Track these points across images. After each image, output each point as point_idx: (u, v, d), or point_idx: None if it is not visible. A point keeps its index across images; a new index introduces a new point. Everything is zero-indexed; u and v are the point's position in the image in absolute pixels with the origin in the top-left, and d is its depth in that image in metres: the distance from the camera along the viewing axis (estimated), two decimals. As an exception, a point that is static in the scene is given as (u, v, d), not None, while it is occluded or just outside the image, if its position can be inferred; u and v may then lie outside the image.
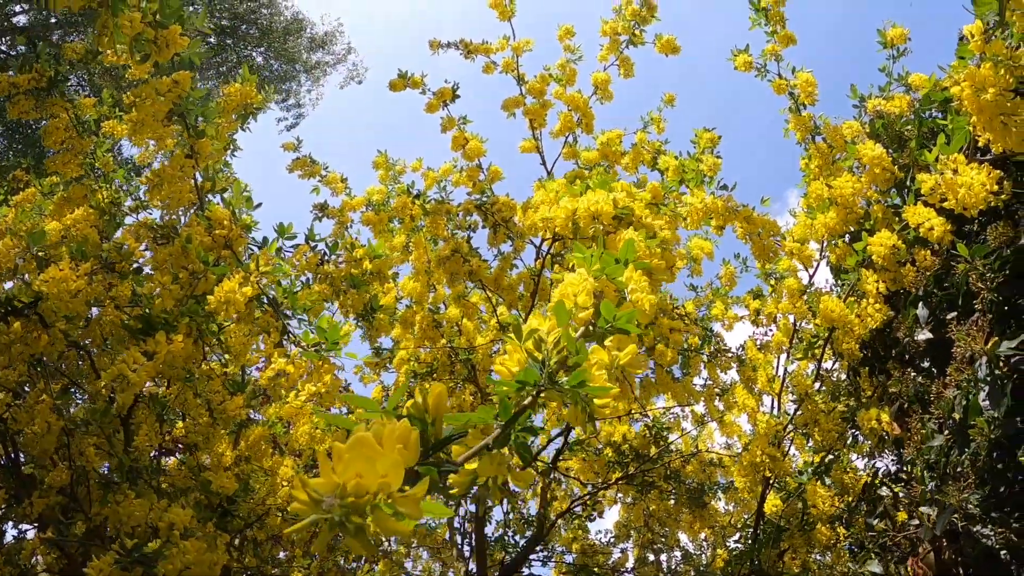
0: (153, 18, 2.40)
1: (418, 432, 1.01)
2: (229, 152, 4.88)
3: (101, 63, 3.60)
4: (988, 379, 2.41)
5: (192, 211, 3.35)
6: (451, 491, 1.30)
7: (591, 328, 1.74)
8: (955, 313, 2.94)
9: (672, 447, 5.73)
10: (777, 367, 5.03)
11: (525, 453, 1.28)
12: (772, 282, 5.09)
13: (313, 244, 3.65)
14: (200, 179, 3.08)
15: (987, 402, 2.41)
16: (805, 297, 4.40)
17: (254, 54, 13.79)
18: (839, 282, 4.35)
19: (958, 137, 2.60)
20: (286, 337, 2.89)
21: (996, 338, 2.48)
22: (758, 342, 5.40)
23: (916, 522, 3.20)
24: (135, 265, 2.81)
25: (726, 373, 5.40)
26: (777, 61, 4.17)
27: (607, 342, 1.68)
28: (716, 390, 5.75)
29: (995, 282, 2.59)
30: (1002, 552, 2.69)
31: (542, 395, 1.24)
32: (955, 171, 2.70)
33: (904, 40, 3.99)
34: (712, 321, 5.46)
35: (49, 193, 4.17)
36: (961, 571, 2.90)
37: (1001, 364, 2.42)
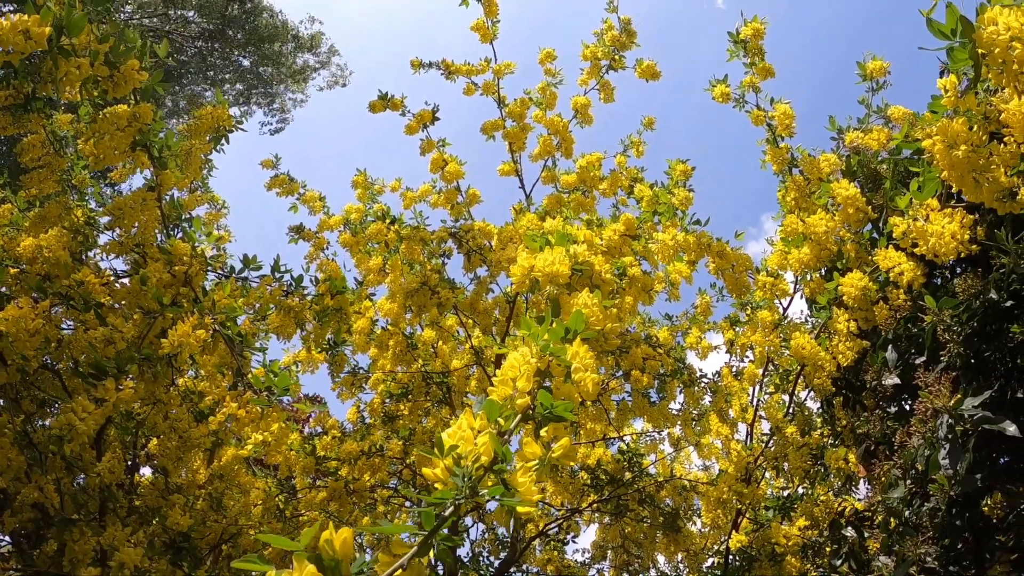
0: (106, 58, 2.34)
1: None
2: (206, 171, 4.83)
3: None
4: (949, 437, 2.40)
5: (158, 240, 3.31)
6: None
7: (531, 412, 1.71)
8: (923, 358, 2.94)
9: (647, 472, 5.72)
10: (752, 396, 5.03)
11: (448, 560, 1.31)
12: (748, 311, 5.09)
13: (279, 275, 3.60)
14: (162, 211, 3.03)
15: (946, 460, 2.41)
16: (779, 329, 4.41)
17: (241, 59, 13.72)
18: (813, 314, 4.35)
19: (929, 187, 2.60)
20: (240, 379, 2.85)
21: (959, 395, 2.47)
22: (733, 369, 5.40)
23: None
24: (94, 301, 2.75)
25: (700, 402, 5.39)
26: (755, 92, 4.16)
27: (543, 432, 1.67)
28: (693, 414, 5.74)
29: (962, 335, 2.58)
30: None
31: (462, 505, 1.22)
32: (927, 218, 2.70)
33: (884, 73, 4.00)
34: (687, 350, 5.45)
35: (26, 208, 4.11)
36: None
37: (964, 420, 2.41)
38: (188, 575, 2.75)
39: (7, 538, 3.79)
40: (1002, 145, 2.22)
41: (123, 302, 2.62)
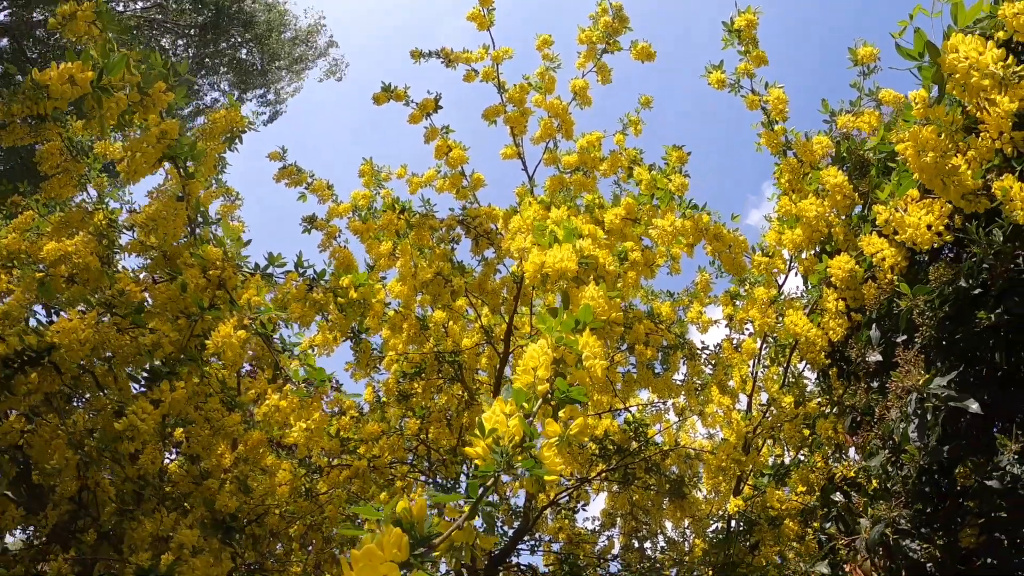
0: (137, 88, 2.51)
1: (406, 538, 1.38)
2: (219, 169, 5.00)
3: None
4: (918, 413, 2.60)
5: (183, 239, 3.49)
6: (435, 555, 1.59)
7: (550, 396, 2.02)
8: (904, 337, 3.12)
9: (652, 441, 5.95)
10: (752, 368, 5.23)
11: (490, 522, 1.59)
12: (747, 285, 5.26)
13: (302, 271, 3.80)
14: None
15: (915, 434, 2.61)
16: (775, 305, 4.58)
17: (237, 46, 13.72)
18: (807, 291, 4.53)
19: (905, 184, 2.75)
20: (278, 371, 3.07)
21: (930, 374, 2.66)
22: (734, 341, 5.59)
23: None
24: (135, 306, 2.95)
25: (702, 373, 5.60)
26: (750, 79, 4.28)
27: (560, 413, 1.96)
28: (696, 384, 5.95)
29: (934, 319, 2.76)
30: (927, 565, 2.91)
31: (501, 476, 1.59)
32: (906, 209, 2.86)
33: (874, 59, 4.10)
34: (689, 324, 5.64)
35: (46, 213, 4.28)
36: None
37: (933, 398, 2.60)
38: (237, 553, 3.01)
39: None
40: (978, 139, 2.38)
41: (163, 308, 2.82)
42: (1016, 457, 2.62)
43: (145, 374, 2.70)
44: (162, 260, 3.53)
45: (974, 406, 2.47)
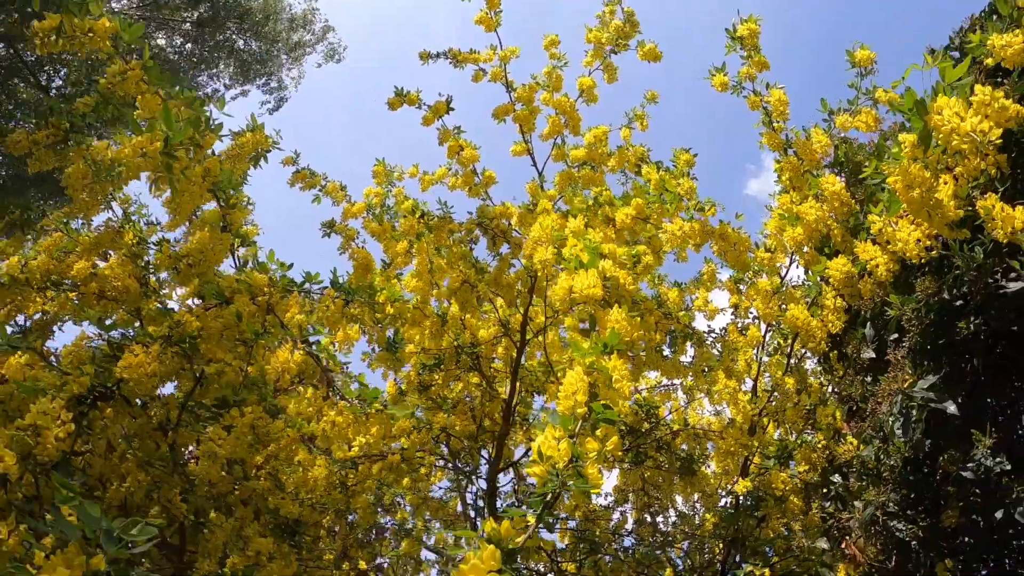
0: (191, 139, 2.70)
1: (499, 551, 1.79)
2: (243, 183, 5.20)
3: (112, 110, 3.89)
4: (901, 414, 2.90)
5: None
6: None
7: (587, 417, 2.33)
8: (896, 336, 3.38)
9: (663, 421, 6.24)
10: (756, 354, 5.49)
11: (549, 528, 1.96)
12: (751, 274, 5.49)
13: (338, 287, 4.01)
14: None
15: (900, 430, 2.90)
16: (777, 295, 4.82)
17: (234, 37, 13.74)
18: (807, 281, 4.76)
19: (894, 208, 2.97)
20: (331, 389, 3.33)
21: (914, 375, 2.94)
22: (739, 325, 5.85)
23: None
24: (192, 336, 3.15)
25: (711, 360, 5.86)
26: (752, 81, 4.46)
27: (598, 431, 2.28)
28: (704, 367, 6.22)
29: (920, 327, 3.02)
30: (912, 543, 3.24)
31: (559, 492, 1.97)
32: (896, 224, 3.08)
33: (871, 63, 4.26)
34: (695, 311, 5.89)
35: (75, 233, 4.40)
36: (882, 555, 3.48)
37: (918, 399, 2.89)
38: (301, 556, 3.29)
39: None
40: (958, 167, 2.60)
41: (219, 337, 3.04)
42: (989, 451, 2.92)
43: (215, 402, 2.95)
44: (209, 288, 3.68)
45: (952, 408, 2.75)
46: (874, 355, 3.56)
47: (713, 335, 6.02)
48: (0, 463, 2.27)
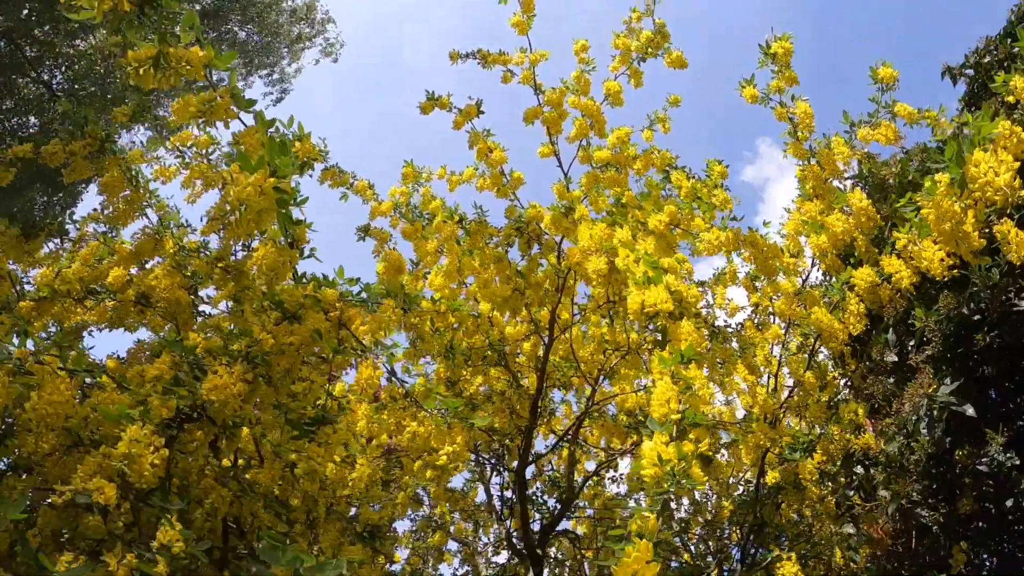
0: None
1: (651, 545, 2.15)
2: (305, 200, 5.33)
3: (149, 118, 4.01)
4: (926, 415, 3.24)
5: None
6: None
7: (681, 422, 2.60)
8: (915, 341, 3.70)
9: (680, 412, 6.51)
10: (776, 350, 5.76)
11: (668, 522, 2.25)
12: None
13: (397, 297, 4.15)
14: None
15: (925, 429, 3.26)
16: (799, 296, 5.08)
17: (236, 29, 13.71)
18: (831, 283, 5.02)
19: (923, 231, 3.23)
20: (407, 399, 3.53)
21: (935, 381, 3.28)
22: (756, 320, 6.11)
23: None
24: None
25: (732, 356, 6.11)
26: (780, 94, 4.67)
27: (691, 435, 2.64)
28: (719, 359, 6.48)
29: (941, 337, 3.34)
30: (934, 528, 3.63)
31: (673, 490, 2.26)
32: (919, 243, 3.34)
33: (893, 80, 4.48)
34: (716, 308, 6.14)
35: (110, 240, 4.34)
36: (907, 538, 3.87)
37: (939, 404, 3.24)
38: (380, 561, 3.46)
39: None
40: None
41: (295, 354, 3.16)
42: (1001, 448, 3.28)
43: (309, 420, 3.12)
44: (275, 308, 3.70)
45: (970, 411, 3.13)
46: (896, 359, 3.88)
47: (731, 329, 6.27)
48: (101, 495, 2.27)
